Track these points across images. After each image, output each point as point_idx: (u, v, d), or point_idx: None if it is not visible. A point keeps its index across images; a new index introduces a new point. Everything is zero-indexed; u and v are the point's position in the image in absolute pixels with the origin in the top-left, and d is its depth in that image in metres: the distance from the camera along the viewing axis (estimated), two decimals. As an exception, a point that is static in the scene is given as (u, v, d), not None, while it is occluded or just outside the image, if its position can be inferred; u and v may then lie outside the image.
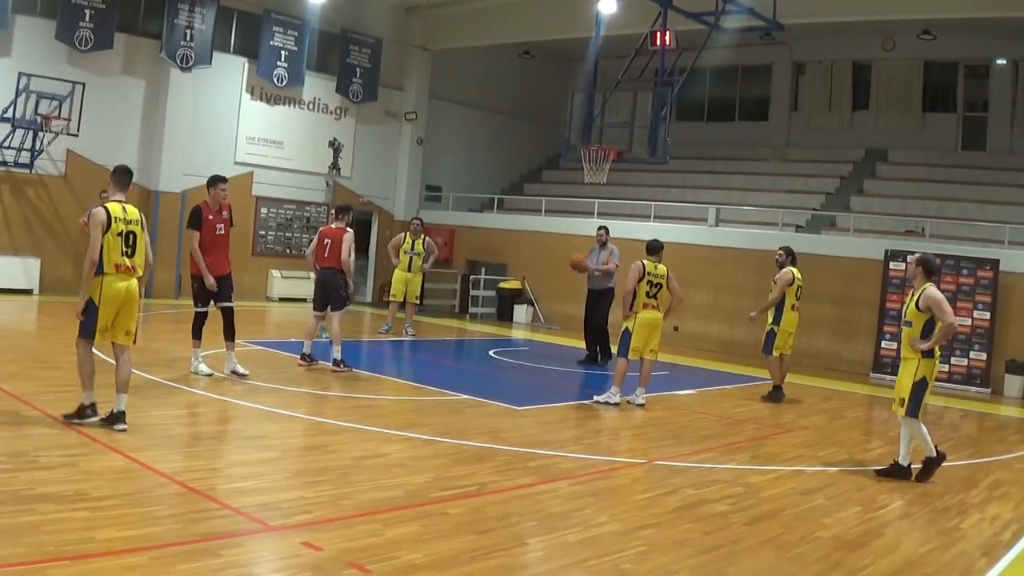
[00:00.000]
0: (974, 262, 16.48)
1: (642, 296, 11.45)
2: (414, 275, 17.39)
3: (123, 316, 7.91)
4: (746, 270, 18.81)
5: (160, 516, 5.70)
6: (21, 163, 17.78)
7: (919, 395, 8.51)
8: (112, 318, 7.86)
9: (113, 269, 7.77)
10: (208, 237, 10.67)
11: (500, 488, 7.18)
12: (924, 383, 8.52)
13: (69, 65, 18.46)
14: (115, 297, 7.79)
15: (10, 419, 7.86)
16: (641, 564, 5.69)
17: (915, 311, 8.53)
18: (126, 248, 7.85)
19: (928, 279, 8.68)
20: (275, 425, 8.78)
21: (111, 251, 7.76)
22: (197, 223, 10.67)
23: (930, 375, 8.56)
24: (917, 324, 8.53)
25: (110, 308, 7.80)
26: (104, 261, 7.75)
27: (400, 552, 5.45)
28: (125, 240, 7.84)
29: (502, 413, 10.57)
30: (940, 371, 16.10)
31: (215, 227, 10.73)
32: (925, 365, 8.52)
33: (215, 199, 10.74)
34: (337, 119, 23.61)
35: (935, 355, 8.59)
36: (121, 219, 7.87)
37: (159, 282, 20.02)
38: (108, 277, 7.76)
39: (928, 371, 8.53)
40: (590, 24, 18.52)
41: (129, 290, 7.86)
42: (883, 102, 23.74)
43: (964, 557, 6.35)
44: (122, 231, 7.84)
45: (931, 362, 8.56)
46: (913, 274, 8.80)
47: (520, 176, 28.44)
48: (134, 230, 7.95)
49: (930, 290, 8.54)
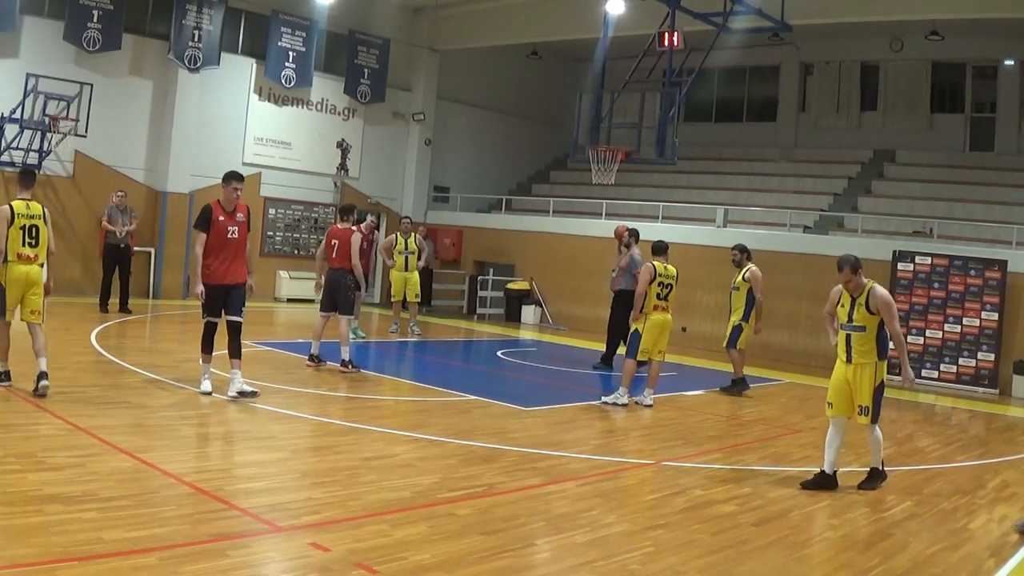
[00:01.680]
0: (982, 263, 16.44)
1: (653, 298, 11.44)
2: (411, 273, 17.51)
3: (29, 297, 9.04)
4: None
5: (168, 517, 5.70)
6: (29, 164, 17.80)
7: (880, 400, 8.12)
8: (18, 299, 9.01)
9: (15, 257, 8.92)
10: (217, 240, 9.66)
11: (508, 489, 7.18)
12: (883, 387, 8.12)
13: (77, 66, 18.49)
14: (18, 280, 8.94)
15: (18, 420, 7.88)
16: (649, 565, 5.68)
17: (866, 314, 7.90)
18: (29, 239, 8.97)
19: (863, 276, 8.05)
20: (283, 426, 8.79)
21: (14, 242, 8.89)
22: (205, 224, 9.64)
23: (885, 377, 8.17)
24: (871, 328, 7.94)
25: (15, 290, 8.95)
26: (8, 250, 8.87)
27: (408, 553, 5.45)
28: (28, 232, 8.97)
29: (510, 414, 10.56)
30: (948, 372, 16.42)
31: (226, 230, 9.71)
32: (882, 368, 8.08)
33: (228, 199, 9.82)
34: (345, 120, 23.64)
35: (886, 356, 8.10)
36: (24, 215, 8.97)
37: (167, 283, 20.07)
38: (11, 264, 8.91)
39: (884, 374, 8.14)
40: (598, 25, 18.56)
41: (30, 275, 9.00)
42: (891, 103, 23.69)
43: (972, 558, 6.33)
44: (25, 225, 8.95)
45: (885, 364, 8.12)
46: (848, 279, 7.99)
47: (528, 177, 28.45)
48: (37, 224, 9.05)
49: (879, 290, 7.95)
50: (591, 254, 21.80)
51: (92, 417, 8.17)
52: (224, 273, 9.75)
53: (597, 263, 21.65)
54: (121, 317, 16.16)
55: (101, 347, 12.49)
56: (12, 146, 17.47)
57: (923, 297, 16.84)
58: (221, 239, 9.71)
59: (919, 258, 17.00)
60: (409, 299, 17.58)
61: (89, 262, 18.64)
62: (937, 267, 16.79)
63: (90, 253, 18.66)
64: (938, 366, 16.61)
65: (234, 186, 9.86)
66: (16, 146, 17.54)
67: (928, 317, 16.77)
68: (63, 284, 18.45)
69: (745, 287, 13.22)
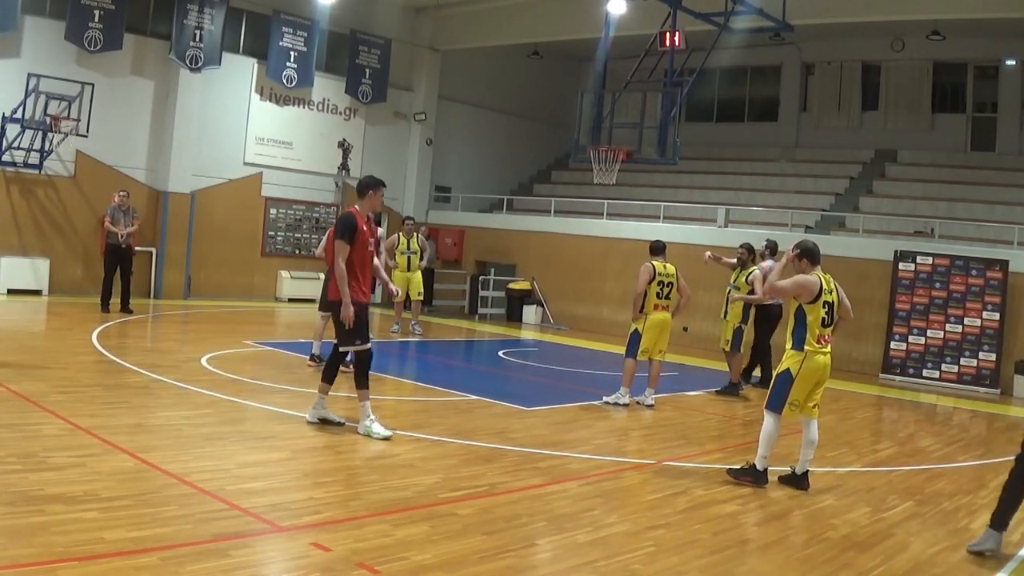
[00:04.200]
0: (983, 263, 16.43)
1: (653, 297, 11.41)
2: (413, 273, 17.50)
3: None
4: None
5: (169, 517, 5.70)
6: (30, 164, 17.82)
7: (777, 388, 7.79)
8: None
9: None
10: (360, 253, 8.59)
11: (509, 489, 7.18)
12: (787, 376, 7.72)
13: (78, 66, 18.49)
14: None
15: (19, 420, 7.88)
16: (650, 565, 5.68)
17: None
18: None
19: (813, 266, 7.91)
20: (284, 426, 8.78)
21: None
22: (352, 234, 8.47)
23: (795, 368, 7.70)
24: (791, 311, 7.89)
25: None
26: None
27: (409, 553, 5.45)
28: None
29: (511, 414, 10.56)
30: (949, 372, 16.40)
31: (368, 242, 8.70)
32: (791, 357, 7.77)
33: (371, 206, 8.81)
34: (346, 120, 23.64)
35: (805, 349, 7.70)
36: None
37: (168, 283, 20.08)
38: None
39: (793, 364, 7.73)
40: (599, 25, 18.55)
41: None
42: (892, 103, 23.69)
43: (973, 558, 6.32)
44: None
45: (798, 355, 7.73)
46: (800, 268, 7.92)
47: (529, 177, 28.45)
48: None
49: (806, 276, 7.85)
50: (592, 254, 21.81)
51: (93, 417, 8.18)
52: (367, 289, 8.80)
53: (598, 263, 21.69)
54: (122, 317, 16.16)
55: (102, 347, 12.49)
56: (13, 146, 17.48)
57: (924, 297, 16.84)
58: (363, 251, 8.67)
59: (920, 258, 17.00)
60: (412, 297, 17.57)
61: (90, 262, 18.64)
62: (938, 267, 16.78)
63: (92, 253, 18.67)
64: (939, 366, 16.61)
65: (382, 192, 8.90)
66: (17, 146, 17.55)
67: (929, 317, 16.76)
68: (65, 284, 18.55)
69: (746, 289, 13.13)
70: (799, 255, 7.92)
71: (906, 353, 16.95)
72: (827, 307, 7.76)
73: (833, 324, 7.90)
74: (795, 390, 7.73)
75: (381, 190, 8.85)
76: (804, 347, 7.72)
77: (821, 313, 7.72)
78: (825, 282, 7.80)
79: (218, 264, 21.20)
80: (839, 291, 8.00)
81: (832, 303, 7.84)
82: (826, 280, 7.83)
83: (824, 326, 7.77)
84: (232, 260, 21.48)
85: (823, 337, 7.77)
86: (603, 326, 21.11)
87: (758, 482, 7.87)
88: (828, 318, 7.80)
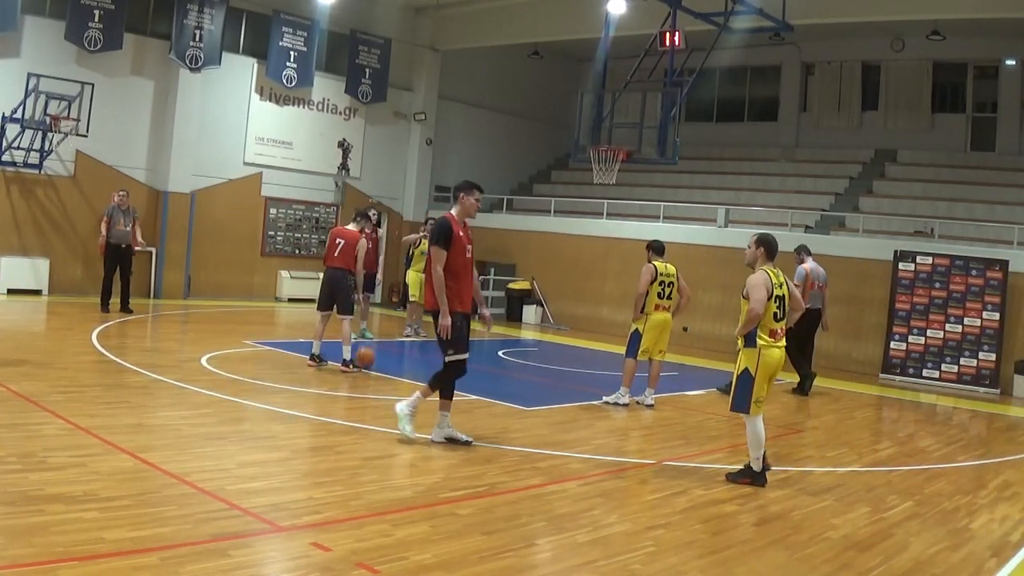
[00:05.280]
0: (983, 263, 16.43)
1: (654, 297, 11.42)
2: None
3: None
4: (755, 270, 18.76)
5: (169, 516, 5.70)
6: (30, 164, 17.82)
7: (740, 388, 7.89)
8: None
9: None
10: (458, 260, 8.31)
11: (509, 489, 7.18)
12: (747, 375, 7.83)
13: (78, 66, 18.49)
14: None
15: (19, 420, 7.88)
16: (650, 564, 5.68)
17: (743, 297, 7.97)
18: None
19: (768, 260, 8.08)
20: (284, 426, 8.78)
21: None
22: (448, 240, 8.21)
23: (752, 366, 7.82)
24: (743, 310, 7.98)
25: None
26: None
27: (409, 553, 5.45)
28: None
29: (511, 414, 10.57)
30: (949, 372, 16.40)
31: (465, 248, 8.40)
32: (746, 355, 7.89)
33: (465, 210, 8.50)
34: (346, 119, 23.64)
35: (758, 344, 7.81)
36: None
37: (168, 283, 20.08)
38: None
39: (749, 362, 7.84)
40: (599, 25, 18.55)
41: None
42: (892, 102, 23.69)
43: (973, 558, 6.33)
44: None
45: (752, 352, 7.84)
46: (754, 257, 8.12)
47: (529, 176, 28.45)
48: None
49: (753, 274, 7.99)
50: (593, 254, 21.81)
51: (93, 417, 8.18)
52: (466, 298, 8.48)
53: (599, 263, 21.68)
54: (122, 317, 16.16)
55: (102, 347, 12.49)
56: (13, 146, 17.49)
57: (924, 297, 16.83)
58: (461, 258, 8.36)
59: (920, 258, 16.99)
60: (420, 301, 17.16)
61: (90, 262, 18.64)
62: (938, 267, 16.78)
63: (91, 253, 18.65)
64: (939, 366, 16.60)
65: (476, 196, 8.55)
66: (17, 146, 17.56)
67: (929, 317, 16.76)
68: (64, 284, 18.55)
69: None
70: (757, 243, 8.16)
71: (906, 353, 16.95)
72: (778, 302, 7.91)
73: (785, 318, 8.06)
74: (757, 387, 7.85)
75: (475, 193, 8.51)
76: (757, 343, 7.84)
77: (772, 308, 7.87)
78: (774, 276, 7.95)
79: (218, 264, 21.20)
80: (788, 284, 8.16)
81: (783, 297, 7.99)
82: (775, 275, 7.98)
83: (776, 320, 7.91)
84: (232, 260, 21.48)
85: (775, 332, 7.90)
86: (603, 326, 21.11)
87: (757, 482, 7.88)
88: (779, 312, 7.95)
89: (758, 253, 8.12)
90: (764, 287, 7.82)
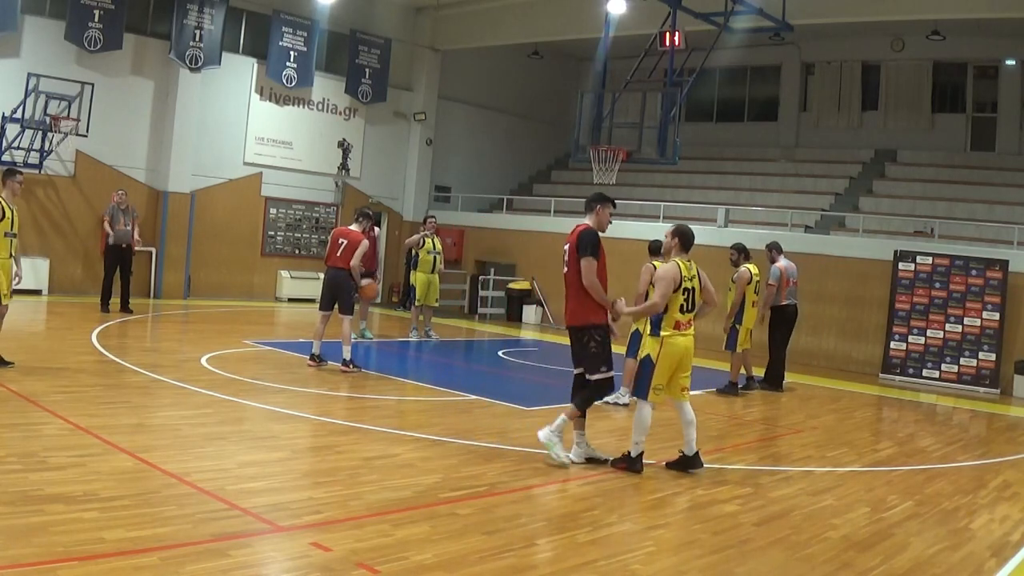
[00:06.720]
0: (983, 263, 16.43)
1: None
2: (435, 275, 16.73)
3: None
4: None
5: (169, 516, 5.70)
6: (30, 163, 17.81)
7: (640, 374, 8.05)
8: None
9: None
10: (601, 272, 8.38)
11: (509, 488, 7.18)
12: (648, 361, 7.96)
13: (78, 66, 18.50)
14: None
15: (19, 420, 7.89)
16: (650, 564, 5.68)
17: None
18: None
19: (683, 251, 8.16)
20: (284, 425, 8.78)
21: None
22: (597, 249, 8.25)
23: (655, 353, 7.91)
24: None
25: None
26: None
27: (409, 553, 5.45)
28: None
29: (511, 413, 10.57)
30: (949, 372, 16.39)
31: (603, 257, 8.41)
32: (650, 343, 8.03)
33: (598, 222, 8.51)
34: (346, 119, 23.64)
35: (661, 335, 7.93)
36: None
37: (168, 283, 20.08)
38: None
39: (652, 349, 7.95)
40: (599, 24, 18.54)
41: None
42: (892, 103, 23.69)
43: (973, 557, 6.32)
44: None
45: (655, 340, 7.95)
46: (669, 247, 8.27)
47: (529, 176, 28.45)
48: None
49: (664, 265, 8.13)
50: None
51: (93, 417, 8.18)
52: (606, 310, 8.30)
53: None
54: (122, 317, 16.16)
55: (102, 347, 12.50)
56: (13, 146, 17.49)
57: (924, 297, 16.83)
58: (603, 268, 8.39)
59: (920, 258, 16.99)
60: (429, 303, 16.87)
61: (90, 262, 18.65)
62: (938, 267, 16.78)
63: (91, 253, 18.67)
64: (939, 366, 16.60)
65: (611, 209, 8.57)
66: (17, 146, 17.56)
67: (929, 317, 16.76)
68: (64, 284, 18.55)
69: (734, 287, 13.32)
70: (673, 234, 8.28)
71: (906, 353, 16.95)
72: (687, 294, 8.00)
73: (695, 310, 8.18)
74: (657, 375, 7.99)
75: (609, 206, 8.50)
76: (660, 332, 7.97)
77: (680, 300, 7.98)
78: (685, 269, 8.06)
79: (218, 264, 21.20)
80: (701, 277, 8.26)
81: (693, 289, 8.09)
82: (686, 267, 8.09)
83: (683, 312, 8.01)
84: (232, 260, 21.49)
85: (680, 323, 8.00)
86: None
87: (632, 468, 8.00)
88: (687, 304, 8.05)
89: (673, 244, 8.26)
90: (672, 281, 7.92)
